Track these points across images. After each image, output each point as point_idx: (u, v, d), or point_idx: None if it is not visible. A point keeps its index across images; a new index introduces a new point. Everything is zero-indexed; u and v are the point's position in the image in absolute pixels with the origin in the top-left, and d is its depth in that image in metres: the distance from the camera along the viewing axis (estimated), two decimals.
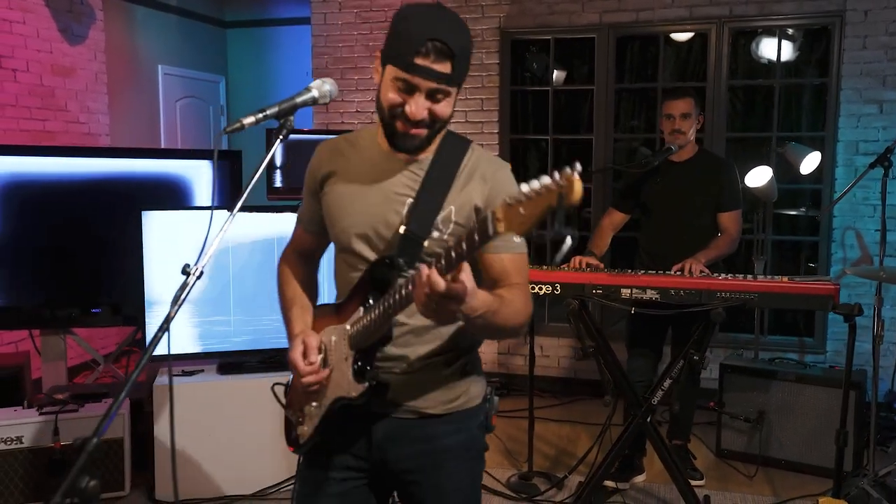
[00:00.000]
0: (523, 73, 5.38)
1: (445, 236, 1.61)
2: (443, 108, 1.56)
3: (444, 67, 1.51)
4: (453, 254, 1.32)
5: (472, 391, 1.78)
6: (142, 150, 5.68)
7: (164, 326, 1.26)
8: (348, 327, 1.63)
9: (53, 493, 3.55)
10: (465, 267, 1.32)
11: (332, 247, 1.81)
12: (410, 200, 1.62)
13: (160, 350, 1.34)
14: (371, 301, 1.59)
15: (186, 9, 7.09)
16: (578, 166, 1.18)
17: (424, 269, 1.33)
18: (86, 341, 4.35)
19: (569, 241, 1.18)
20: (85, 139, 5.56)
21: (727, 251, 3.47)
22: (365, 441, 1.72)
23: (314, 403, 1.70)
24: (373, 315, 1.55)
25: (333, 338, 1.67)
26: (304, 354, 1.65)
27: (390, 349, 1.62)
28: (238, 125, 1.43)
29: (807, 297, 2.92)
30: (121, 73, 6.17)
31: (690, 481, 3.30)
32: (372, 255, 1.65)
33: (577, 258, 3.36)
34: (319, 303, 1.88)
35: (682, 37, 5.03)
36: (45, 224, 3.88)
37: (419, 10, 1.52)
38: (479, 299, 1.41)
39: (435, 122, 1.57)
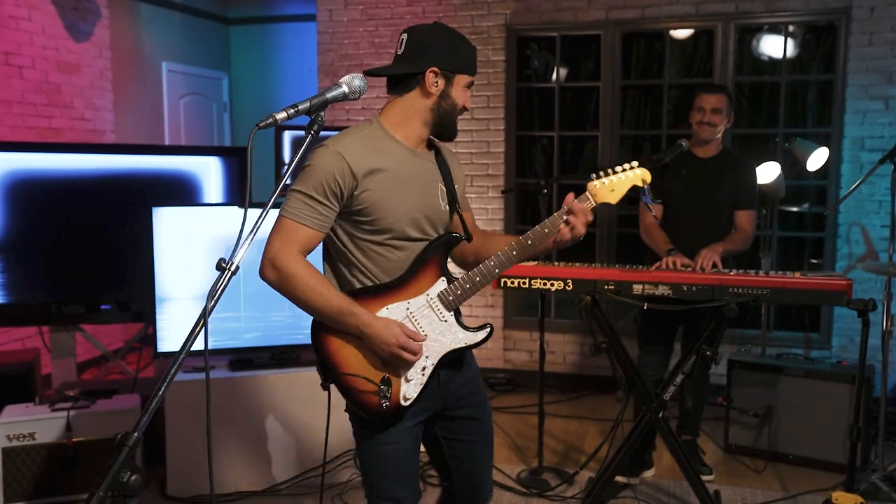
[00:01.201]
0: (529, 69, 5.39)
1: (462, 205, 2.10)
2: None
3: None
4: (561, 221, 1.98)
5: None
6: (151, 146, 5.69)
7: (202, 321, 1.26)
8: (433, 296, 1.95)
9: (67, 489, 3.52)
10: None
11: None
12: (441, 185, 2.00)
13: (185, 346, 1.35)
14: (448, 270, 1.98)
15: (190, 6, 7.08)
16: (636, 163, 2.08)
17: (581, 203, 2.00)
18: (93, 337, 4.36)
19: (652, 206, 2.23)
20: (90, 136, 5.56)
21: (741, 248, 3.50)
22: (435, 383, 1.99)
23: (421, 366, 1.94)
24: (477, 279, 1.95)
25: (411, 310, 1.94)
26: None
27: None
28: (271, 120, 1.45)
29: (820, 292, 2.92)
30: (125, 70, 6.16)
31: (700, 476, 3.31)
32: (417, 235, 1.95)
33: (668, 259, 3.28)
34: None
35: (686, 34, 5.04)
36: (52, 221, 3.88)
37: (451, 29, 1.95)
38: None
39: None
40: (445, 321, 1.96)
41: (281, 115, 1.46)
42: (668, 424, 3.22)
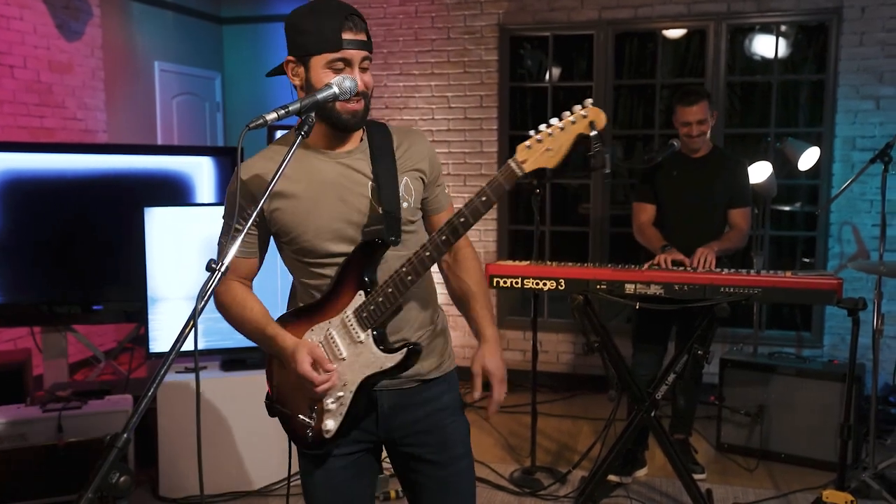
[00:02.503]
0: (522, 69, 5.39)
1: (412, 203, 1.77)
2: (370, 77, 1.69)
3: (364, 36, 1.65)
4: (481, 205, 1.63)
5: (452, 352, 1.96)
6: (144, 146, 5.67)
7: (193, 321, 1.26)
8: (350, 314, 1.71)
9: (58, 491, 3.50)
10: None
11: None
12: (371, 184, 1.72)
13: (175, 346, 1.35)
14: (369, 282, 1.70)
15: (183, 5, 7.06)
16: (590, 100, 1.67)
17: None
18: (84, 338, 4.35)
19: (608, 158, 1.65)
20: (82, 136, 5.54)
21: (738, 245, 3.52)
22: (373, 415, 1.81)
23: (338, 394, 1.72)
24: (388, 290, 1.67)
25: (331, 331, 1.73)
26: (315, 365, 1.68)
27: (393, 325, 1.75)
28: (261, 121, 1.44)
29: (811, 291, 2.93)
30: (117, 69, 6.14)
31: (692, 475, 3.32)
32: (343, 249, 1.73)
33: (662, 257, 3.29)
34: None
35: (678, 34, 5.05)
36: (45, 221, 3.87)
37: (309, 7, 1.65)
38: None
39: (367, 93, 1.69)
40: (360, 342, 1.70)
41: (271, 116, 1.45)
42: (660, 423, 3.23)
